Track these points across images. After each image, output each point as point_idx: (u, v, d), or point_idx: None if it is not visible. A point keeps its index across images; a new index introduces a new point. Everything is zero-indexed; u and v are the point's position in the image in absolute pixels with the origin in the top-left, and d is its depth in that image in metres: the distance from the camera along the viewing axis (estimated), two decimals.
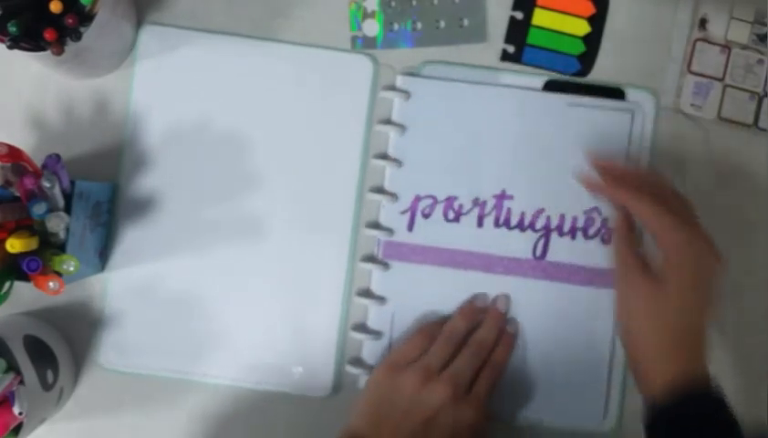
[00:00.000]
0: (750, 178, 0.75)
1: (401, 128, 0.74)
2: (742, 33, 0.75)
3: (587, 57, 0.75)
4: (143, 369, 0.73)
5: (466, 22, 0.75)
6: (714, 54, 0.75)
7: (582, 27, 0.75)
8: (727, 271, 0.65)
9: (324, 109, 0.74)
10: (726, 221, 0.74)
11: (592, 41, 0.75)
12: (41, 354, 0.68)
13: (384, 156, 0.74)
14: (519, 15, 0.75)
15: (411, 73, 0.74)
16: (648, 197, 0.65)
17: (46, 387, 0.67)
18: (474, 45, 0.75)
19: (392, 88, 0.74)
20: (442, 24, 0.75)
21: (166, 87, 0.74)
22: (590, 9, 0.75)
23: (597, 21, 0.75)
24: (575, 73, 0.74)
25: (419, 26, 0.75)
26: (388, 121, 0.74)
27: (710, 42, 0.75)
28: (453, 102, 0.74)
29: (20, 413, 0.63)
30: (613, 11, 0.75)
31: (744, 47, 0.75)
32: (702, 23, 0.75)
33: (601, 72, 0.75)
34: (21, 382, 0.64)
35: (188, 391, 0.73)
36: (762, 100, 0.75)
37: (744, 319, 0.74)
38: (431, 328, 0.72)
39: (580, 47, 0.75)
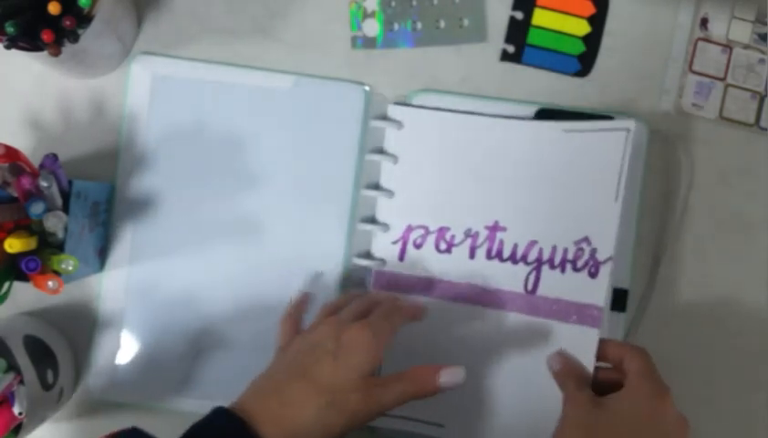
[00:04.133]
0: (751, 178, 0.74)
1: (393, 157, 0.73)
2: (743, 32, 0.75)
3: (587, 57, 0.74)
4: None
5: (466, 22, 0.75)
6: (715, 53, 0.75)
7: (582, 27, 0.74)
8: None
9: (316, 139, 0.74)
10: (727, 220, 0.74)
11: (592, 41, 0.74)
12: (41, 354, 0.68)
13: (376, 186, 0.74)
14: (519, 15, 0.75)
15: (403, 102, 0.74)
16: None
17: (46, 387, 0.67)
18: (474, 45, 0.75)
19: (384, 117, 0.74)
20: (442, 24, 0.74)
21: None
22: (590, 9, 0.74)
23: (597, 21, 0.74)
24: (575, 73, 0.74)
25: (419, 26, 0.75)
26: (380, 151, 0.74)
27: (711, 41, 0.75)
28: (445, 132, 0.73)
29: (20, 413, 0.63)
30: (613, 11, 0.74)
31: (746, 47, 0.75)
32: (703, 22, 0.75)
33: (601, 72, 0.74)
34: (21, 382, 0.64)
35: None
36: (764, 100, 0.75)
37: (744, 320, 0.74)
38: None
39: (580, 47, 0.74)
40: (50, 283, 0.61)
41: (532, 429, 0.70)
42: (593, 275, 0.70)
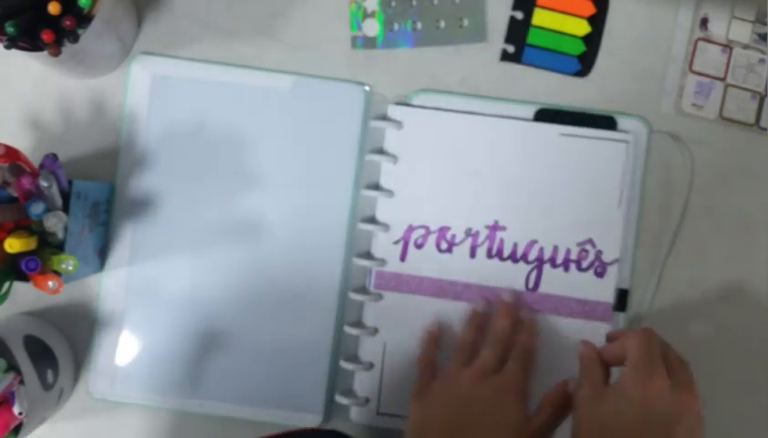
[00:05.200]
0: (751, 178, 0.74)
1: (393, 158, 0.73)
2: (743, 32, 0.75)
3: (587, 57, 0.74)
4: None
5: (466, 22, 0.74)
6: (715, 53, 0.75)
7: (582, 27, 0.74)
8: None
9: (316, 139, 0.74)
10: (727, 221, 0.74)
11: (592, 41, 0.74)
12: (41, 354, 0.68)
13: (376, 186, 0.74)
14: (519, 15, 0.75)
15: (403, 102, 0.74)
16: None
17: (46, 387, 0.67)
18: (474, 45, 0.75)
19: (384, 117, 0.74)
20: (442, 24, 0.74)
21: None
22: (590, 9, 0.74)
23: (597, 21, 0.74)
24: (575, 73, 0.74)
25: (419, 25, 0.75)
26: (380, 151, 0.74)
27: (711, 41, 0.75)
28: (445, 132, 0.73)
29: (20, 413, 0.63)
30: (613, 11, 0.74)
31: (746, 47, 0.75)
32: (703, 22, 0.75)
33: (601, 72, 0.74)
34: (21, 382, 0.64)
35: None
36: (764, 100, 0.75)
37: (744, 320, 0.74)
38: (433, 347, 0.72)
39: (580, 47, 0.74)
40: (50, 283, 0.61)
41: None
42: (600, 274, 0.72)
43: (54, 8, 0.61)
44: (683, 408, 0.60)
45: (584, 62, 0.74)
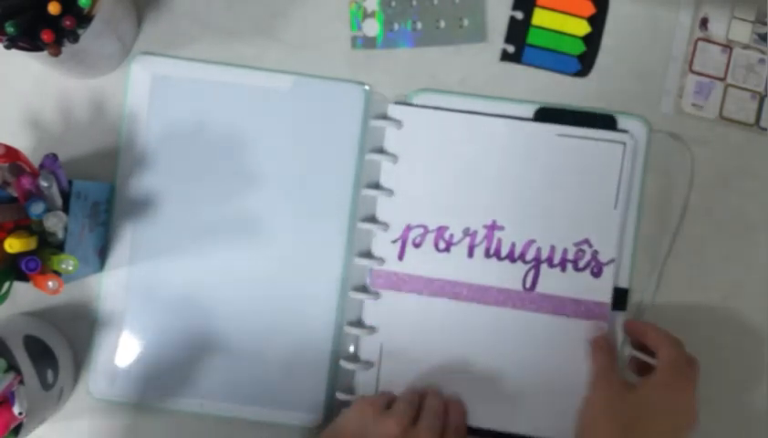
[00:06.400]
0: (751, 178, 0.74)
1: (393, 157, 0.73)
2: (743, 32, 0.75)
3: (587, 57, 0.74)
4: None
5: (466, 22, 0.75)
6: (715, 53, 0.75)
7: (582, 27, 0.74)
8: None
9: (316, 139, 0.74)
10: (727, 221, 0.74)
11: (592, 41, 0.74)
12: (41, 354, 0.68)
13: (376, 185, 0.74)
14: (519, 15, 0.75)
15: (403, 102, 0.74)
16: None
17: (46, 387, 0.67)
18: (474, 45, 0.75)
19: (384, 117, 0.74)
20: (442, 24, 0.74)
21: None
22: (590, 9, 0.74)
23: (597, 21, 0.74)
24: (575, 73, 0.74)
25: (419, 25, 0.75)
26: (380, 151, 0.74)
27: (711, 41, 0.75)
28: (445, 131, 0.73)
29: (20, 413, 0.63)
30: (613, 11, 0.74)
31: (746, 47, 0.75)
32: (703, 22, 0.75)
33: (601, 72, 0.74)
34: (21, 382, 0.64)
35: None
36: (764, 100, 0.75)
37: (744, 320, 0.74)
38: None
39: (580, 47, 0.74)
40: (50, 283, 0.61)
41: (527, 417, 0.71)
42: (596, 274, 0.73)
43: (54, 8, 0.61)
44: (695, 415, 0.66)
45: (584, 62, 0.74)
